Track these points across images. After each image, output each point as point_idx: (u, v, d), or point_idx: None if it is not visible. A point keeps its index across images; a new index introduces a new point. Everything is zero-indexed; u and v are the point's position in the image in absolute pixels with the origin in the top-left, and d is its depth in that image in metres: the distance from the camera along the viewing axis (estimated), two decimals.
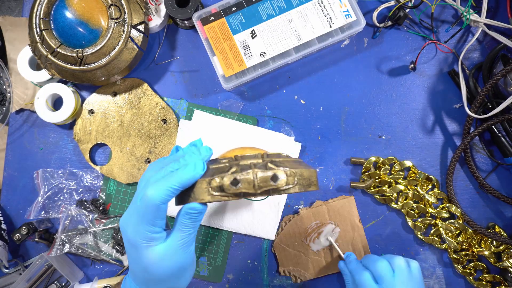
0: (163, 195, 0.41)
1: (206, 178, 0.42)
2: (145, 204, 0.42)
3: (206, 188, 0.41)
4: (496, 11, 0.71)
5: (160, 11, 0.69)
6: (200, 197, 0.42)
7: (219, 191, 0.41)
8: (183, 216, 0.43)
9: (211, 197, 0.41)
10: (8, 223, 0.70)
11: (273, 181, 0.41)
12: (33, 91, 0.70)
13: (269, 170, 0.41)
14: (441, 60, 0.71)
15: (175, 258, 0.44)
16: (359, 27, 0.66)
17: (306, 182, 0.43)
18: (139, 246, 0.44)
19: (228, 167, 0.42)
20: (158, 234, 0.43)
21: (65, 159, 0.71)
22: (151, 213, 0.42)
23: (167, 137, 0.70)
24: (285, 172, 0.41)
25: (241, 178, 0.40)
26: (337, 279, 0.69)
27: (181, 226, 0.44)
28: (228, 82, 0.66)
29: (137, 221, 0.43)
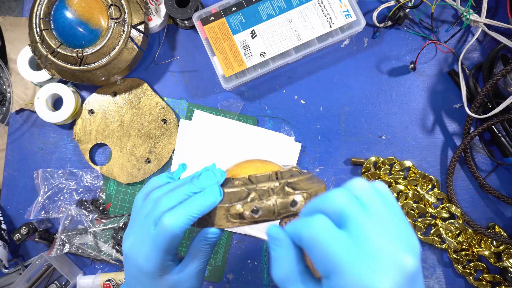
0: (183, 224, 0.39)
1: (224, 204, 0.40)
2: (162, 232, 0.39)
3: (225, 215, 0.40)
4: (496, 11, 0.71)
5: (160, 11, 0.69)
6: (219, 223, 0.41)
7: (238, 218, 0.40)
8: (201, 242, 0.41)
9: (231, 224, 0.40)
10: (8, 223, 0.70)
11: (292, 207, 0.40)
12: (33, 91, 0.70)
13: (288, 196, 0.40)
14: (441, 60, 0.71)
15: (188, 284, 0.43)
16: (359, 27, 0.66)
17: None
18: (153, 274, 0.41)
19: (246, 192, 0.41)
20: (172, 262, 0.42)
21: (65, 159, 0.71)
22: (168, 242, 0.39)
23: (167, 137, 0.70)
24: (302, 196, 0.41)
25: (261, 206, 0.40)
26: None
27: (198, 252, 0.42)
28: (228, 82, 0.66)
29: (151, 249, 0.40)
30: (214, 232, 0.41)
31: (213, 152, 0.69)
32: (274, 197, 0.40)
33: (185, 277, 0.42)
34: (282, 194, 0.40)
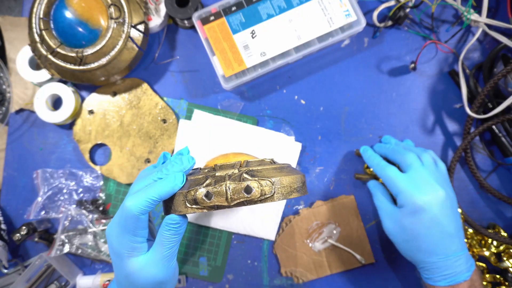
0: (141, 206, 0.41)
1: (184, 190, 0.42)
2: (125, 214, 0.42)
3: (183, 201, 0.42)
4: (496, 11, 0.71)
5: (160, 11, 0.69)
6: (178, 209, 0.42)
7: (194, 204, 0.41)
8: (163, 228, 0.44)
9: (188, 209, 0.42)
10: (8, 223, 0.70)
11: (246, 193, 0.40)
12: (32, 91, 0.70)
13: (243, 182, 0.40)
14: (442, 60, 0.71)
15: (155, 271, 0.44)
16: (359, 27, 0.66)
17: (286, 190, 0.42)
18: (121, 255, 0.44)
19: (204, 178, 0.42)
20: (140, 244, 0.44)
21: (65, 159, 0.70)
22: (132, 224, 0.42)
23: (167, 137, 0.70)
24: (259, 183, 0.40)
25: (214, 191, 0.40)
26: (339, 280, 0.69)
27: (162, 238, 0.44)
28: (228, 82, 0.66)
29: (119, 230, 0.44)
30: (173, 218, 0.43)
31: (213, 152, 0.68)
32: (227, 182, 0.40)
33: (151, 262, 0.44)
34: (238, 181, 0.41)
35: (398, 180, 0.57)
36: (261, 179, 0.41)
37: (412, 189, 0.55)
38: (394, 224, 0.58)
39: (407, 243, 0.57)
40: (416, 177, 0.56)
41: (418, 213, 0.54)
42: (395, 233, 0.58)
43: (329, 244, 0.69)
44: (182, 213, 0.43)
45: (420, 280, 0.61)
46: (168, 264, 0.45)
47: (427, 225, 0.54)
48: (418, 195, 0.55)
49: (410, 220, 0.55)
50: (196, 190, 0.41)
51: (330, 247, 0.69)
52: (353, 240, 0.69)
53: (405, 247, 0.58)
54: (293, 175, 0.43)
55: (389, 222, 0.58)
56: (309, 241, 0.69)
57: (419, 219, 0.54)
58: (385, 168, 0.59)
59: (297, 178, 0.43)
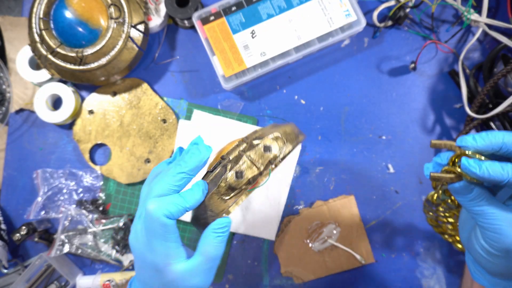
0: (170, 211, 0.39)
1: (213, 190, 0.41)
2: (151, 220, 0.39)
3: (219, 198, 0.41)
4: (496, 10, 0.71)
5: (160, 11, 0.69)
6: (220, 209, 0.41)
7: (231, 192, 0.41)
8: (209, 237, 0.41)
9: (228, 202, 0.41)
10: (7, 223, 0.70)
11: (268, 151, 0.41)
12: (32, 91, 0.70)
13: (257, 145, 0.41)
14: (442, 60, 0.71)
15: (199, 280, 0.41)
16: (359, 27, 0.66)
17: (294, 136, 0.43)
18: (156, 265, 0.40)
19: (223, 169, 0.42)
20: (175, 250, 0.40)
21: (65, 159, 0.70)
22: (161, 229, 0.39)
23: (167, 137, 0.70)
24: (272, 138, 0.41)
25: (241, 168, 0.40)
26: (339, 280, 0.69)
27: (209, 248, 0.41)
28: (228, 82, 0.66)
29: (147, 239, 0.40)
30: (220, 222, 0.41)
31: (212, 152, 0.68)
32: (246, 154, 0.41)
33: (193, 272, 0.41)
34: (252, 149, 0.41)
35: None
36: (267, 138, 0.41)
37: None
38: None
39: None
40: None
41: None
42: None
43: (329, 244, 0.69)
44: (225, 211, 0.41)
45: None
46: (213, 273, 0.42)
47: None
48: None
49: None
50: (226, 178, 0.40)
51: (330, 247, 0.69)
52: (353, 240, 0.69)
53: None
54: (286, 124, 0.45)
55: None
56: (309, 241, 0.69)
57: None
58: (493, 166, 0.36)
59: (292, 124, 0.44)
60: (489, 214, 0.37)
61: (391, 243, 0.70)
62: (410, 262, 0.69)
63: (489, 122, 0.68)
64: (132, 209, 0.70)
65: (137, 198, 0.70)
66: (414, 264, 0.69)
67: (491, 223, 0.37)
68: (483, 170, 0.36)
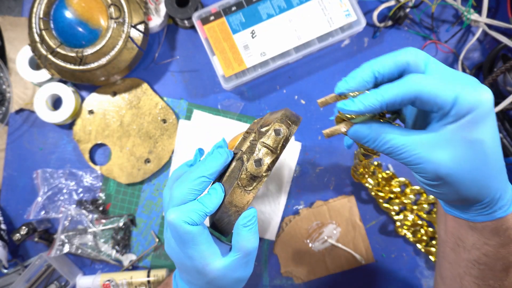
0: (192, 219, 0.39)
1: (234, 184, 0.42)
2: (176, 230, 0.40)
3: (242, 191, 0.41)
4: (496, 10, 0.71)
5: (160, 11, 0.69)
6: (244, 201, 0.41)
7: (252, 182, 0.41)
8: (240, 232, 0.41)
9: (252, 192, 0.41)
10: (7, 223, 0.70)
11: (279, 134, 0.42)
12: (32, 91, 0.70)
13: (267, 132, 0.42)
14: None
15: (240, 272, 0.43)
16: (359, 26, 0.66)
17: (294, 118, 0.44)
18: (196, 267, 0.41)
19: (239, 162, 0.42)
20: (210, 250, 0.41)
21: (65, 159, 0.70)
22: (188, 236, 0.40)
23: (166, 137, 0.70)
24: (276, 123, 0.42)
25: (259, 155, 0.41)
26: (339, 280, 0.69)
27: (243, 243, 0.41)
28: (228, 82, 0.66)
29: (180, 248, 0.41)
30: (248, 215, 0.41)
31: None
32: (259, 141, 0.41)
33: (233, 266, 0.42)
34: (264, 136, 0.42)
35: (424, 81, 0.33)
36: (275, 122, 0.42)
37: (439, 86, 0.33)
38: (451, 151, 0.34)
39: (477, 171, 0.34)
40: (443, 71, 0.35)
41: (482, 117, 0.33)
42: (456, 163, 0.34)
43: (329, 244, 0.68)
44: (251, 201, 0.41)
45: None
46: (252, 263, 0.43)
47: (493, 132, 0.35)
48: (475, 90, 0.33)
49: (474, 132, 0.33)
50: (246, 169, 0.41)
51: (330, 247, 0.69)
52: (353, 240, 0.69)
53: (474, 177, 0.35)
54: (281, 110, 0.46)
55: (441, 152, 0.34)
56: (309, 241, 0.69)
57: (485, 125, 0.34)
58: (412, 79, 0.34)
59: (287, 109, 0.46)
60: (400, 148, 0.35)
61: (391, 243, 0.70)
62: (410, 262, 0.69)
63: None
64: (132, 209, 0.70)
65: (137, 198, 0.70)
66: (414, 264, 0.69)
67: (407, 156, 0.34)
68: (357, 104, 0.34)
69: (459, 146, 0.33)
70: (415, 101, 0.33)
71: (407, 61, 0.35)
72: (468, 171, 0.34)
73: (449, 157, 0.34)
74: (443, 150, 0.34)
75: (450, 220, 0.42)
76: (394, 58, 0.35)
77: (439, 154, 0.34)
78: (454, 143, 0.33)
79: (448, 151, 0.34)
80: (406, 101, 0.33)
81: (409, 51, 0.35)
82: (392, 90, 0.33)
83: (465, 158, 0.34)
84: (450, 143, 0.33)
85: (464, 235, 0.41)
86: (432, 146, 0.34)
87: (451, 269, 0.43)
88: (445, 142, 0.34)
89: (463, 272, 0.42)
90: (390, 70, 0.35)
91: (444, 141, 0.34)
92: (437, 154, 0.34)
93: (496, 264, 0.40)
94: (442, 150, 0.34)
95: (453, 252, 0.43)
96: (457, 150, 0.33)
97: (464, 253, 0.41)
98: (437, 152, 0.34)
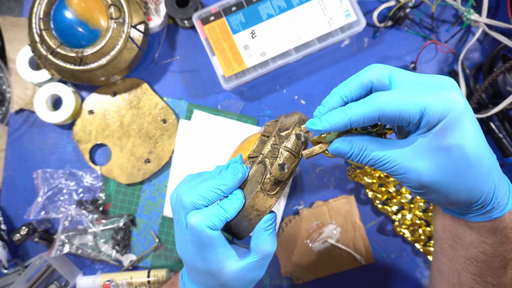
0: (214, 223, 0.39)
1: (257, 188, 0.41)
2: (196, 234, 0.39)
3: (265, 195, 0.41)
4: (496, 11, 0.71)
5: (160, 11, 0.69)
6: (267, 205, 0.41)
7: (276, 186, 0.41)
8: (261, 235, 0.41)
9: (275, 196, 0.41)
10: (8, 223, 0.70)
11: (300, 139, 0.42)
12: (32, 91, 0.70)
13: (289, 136, 0.42)
14: (442, 60, 0.71)
15: (255, 274, 0.43)
16: (359, 27, 0.66)
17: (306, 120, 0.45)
18: (211, 271, 0.41)
19: (261, 165, 0.42)
20: (225, 254, 0.41)
21: (65, 159, 0.70)
22: (207, 240, 0.39)
23: (167, 137, 0.70)
24: (296, 127, 0.43)
25: (281, 161, 0.41)
26: (339, 280, 0.69)
27: (262, 246, 0.41)
28: (228, 82, 0.66)
29: (196, 250, 0.41)
30: (269, 218, 0.41)
31: (213, 152, 0.68)
32: (282, 146, 0.41)
33: (248, 268, 0.42)
34: (283, 139, 0.42)
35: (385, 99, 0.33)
36: (295, 126, 0.43)
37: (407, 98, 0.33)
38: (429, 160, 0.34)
39: (460, 176, 0.34)
40: (410, 81, 0.35)
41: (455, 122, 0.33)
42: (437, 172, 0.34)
43: (329, 244, 0.69)
44: (273, 206, 0.42)
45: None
46: (267, 265, 0.43)
47: (471, 133, 0.34)
48: (442, 97, 0.33)
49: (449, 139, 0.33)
50: (270, 173, 0.41)
51: (330, 247, 0.69)
52: (353, 240, 0.69)
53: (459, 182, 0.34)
54: (294, 113, 0.46)
55: (420, 162, 0.34)
56: (309, 241, 0.69)
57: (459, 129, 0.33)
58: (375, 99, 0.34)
59: (299, 112, 0.46)
60: (382, 160, 0.35)
61: (391, 243, 0.70)
62: (410, 262, 0.69)
63: (489, 123, 0.68)
64: (132, 209, 0.70)
65: (137, 198, 0.70)
66: (414, 264, 0.69)
67: (389, 167, 0.35)
68: (323, 122, 0.35)
69: (436, 155, 0.33)
70: (380, 118, 0.34)
71: (370, 80, 0.36)
72: (450, 177, 0.34)
73: (429, 166, 0.34)
74: (422, 160, 0.34)
75: (447, 219, 0.42)
76: (358, 79, 0.36)
77: (419, 164, 0.34)
78: (431, 153, 0.34)
79: (427, 161, 0.34)
80: (370, 119, 0.34)
81: (371, 69, 0.36)
82: (356, 109, 0.34)
83: (444, 165, 0.34)
84: (427, 152, 0.34)
85: (462, 234, 0.41)
86: (411, 156, 0.34)
87: (449, 264, 0.43)
88: (423, 152, 0.34)
89: (461, 268, 0.42)
90: (357, 92, 0.36)
91: (422, 151, 0.34)
92: (417, 164, 0.34)
93: (494, 261, 0.40)
94: (421, 160, 0.34)
95: (450, 249, 0.43)
96: (435, 159, 0.34)
97: (462, 251, 0.41)
98: (417, 162, 0.34)
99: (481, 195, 0.36)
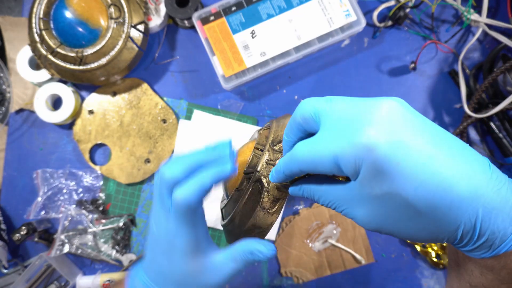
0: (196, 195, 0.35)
1: (257, 208, 0.40)
2: (180, 207, 0.35)
3: (265, 214, 0.40)
4: (496, 10, 0.71)
5: (160, 11, 0.69)
6: (269, 222, 0.40)
7: (275, 203, 0.40)
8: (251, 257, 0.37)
9: (276, 212, 0.40)
10: (7, 223, 0.70)
11: None
12: (32, 91, 0.70)
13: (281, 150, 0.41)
14: (442, 60, 0.71)
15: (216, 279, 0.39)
16: (359, 27, 0.66)
17: None
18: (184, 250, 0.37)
19: (258, 183, 0.40)
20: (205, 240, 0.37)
21: (65, 159, 0.70)
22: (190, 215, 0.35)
23: (166, 137, 0.70)
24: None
25: None
26: (339, 280, 0.69)
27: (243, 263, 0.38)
28: (228, 82, 0.66)
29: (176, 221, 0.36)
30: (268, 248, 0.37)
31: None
32: (277, 162, 0.39)
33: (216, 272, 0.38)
34: (279, 155, 0.40)
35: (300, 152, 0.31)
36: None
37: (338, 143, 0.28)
38: (365, 208, 0.30)
39: (408, 221, 0.29)
40: (335, 117, 0.30)
41: (376, 171, 0.27)
42: (377, 219, 0.30)
43: (329, 244, 0.68)
44: (275, 221, 0.40)
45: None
46: (233, 276, 0.39)
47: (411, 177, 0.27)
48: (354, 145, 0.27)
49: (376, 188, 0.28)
50: (268, 192, 0.39)
51: (330, 247, 0.69)
52: (353, 240, 0.69)
53: (408, 226, 0.29)
54: (283, 116, 0.45)
55: (359, 209, 0.30)
56: (309, 241, 0.69)
57: (386, 176, 0.27)
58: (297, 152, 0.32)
59: (289, 115, 0.44)
60: (330, 204, 0.32)
61: (391, 243, 0.69)
62: (410, 262, 0.69)
63: (489, 123, 0.68)
64: (132, 209, 0.70)
65: (137, 198, 0.70)
66: (414, 264, 0.69)
67: (340, 211, 0.32)
68: (274, 178, 0.36)
69: (371, 202, 0.29)
70: (304, 171, 0.31)
71: (300, 123, 0.33)
72: (397, 223, 0.29)
73: (367, 213, 0.30)
74: (360, 207, 0.30)
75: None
76: (294, 120, 0.34)
77: (359, 210, 0.30)
78: (366, 200, 0.29)
79: (365, 208, 0.29)
80: (298, 174, 0.32)
81: (299, 108, 0.33)
82: (284, 165, 0.33)
83: (384, 214, 0.29)
84: (363, 200, 0.29)
85: (462, 258, 0.36)
86: (351, 202, 0.30)
87: (458, 283, 0.40)
88: (359, 199, 0.29)
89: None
90: (298, 134, 0.34)
91: (358, 198, 0.29)
92: (357, 211, 0.30)
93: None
94: (360, 207, 0.30)
95: (457, 269, 0.38)
96: (371, 207, 0.29)
97: (466, 275, 0.36)
98: (357, 209, 0.30)
99: (453, 234, 0.29)
